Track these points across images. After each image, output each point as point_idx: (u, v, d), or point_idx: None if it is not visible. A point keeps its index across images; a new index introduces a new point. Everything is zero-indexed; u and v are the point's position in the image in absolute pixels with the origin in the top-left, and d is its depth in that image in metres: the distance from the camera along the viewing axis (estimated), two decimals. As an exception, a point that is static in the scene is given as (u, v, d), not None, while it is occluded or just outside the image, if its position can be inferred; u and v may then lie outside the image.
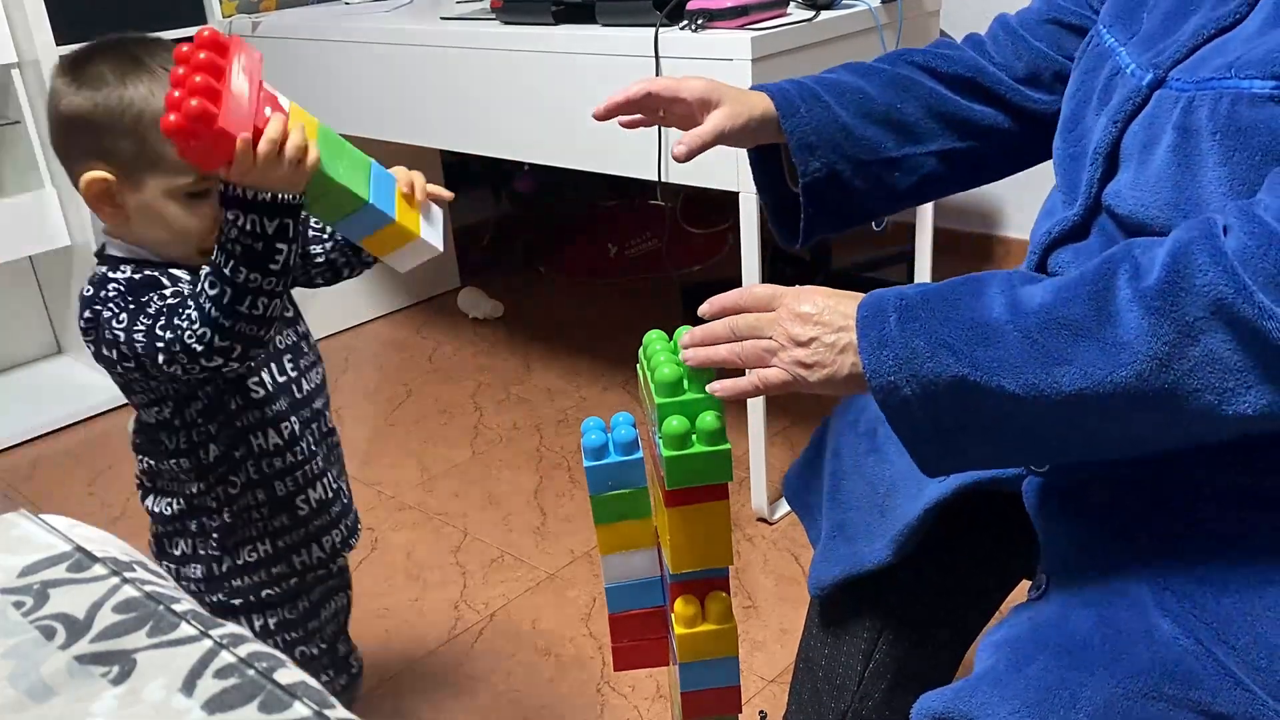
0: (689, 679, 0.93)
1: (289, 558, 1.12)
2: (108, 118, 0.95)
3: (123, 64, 0.97)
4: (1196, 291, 0.65)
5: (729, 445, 0.82)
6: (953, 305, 0.74)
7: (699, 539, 0.86)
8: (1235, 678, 0.71)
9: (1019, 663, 0.76)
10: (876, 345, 0.74)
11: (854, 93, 1.03)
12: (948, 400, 0.73)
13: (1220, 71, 0.74)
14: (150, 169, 0.96)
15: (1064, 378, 0.69)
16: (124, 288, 0.98)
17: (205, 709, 0.55)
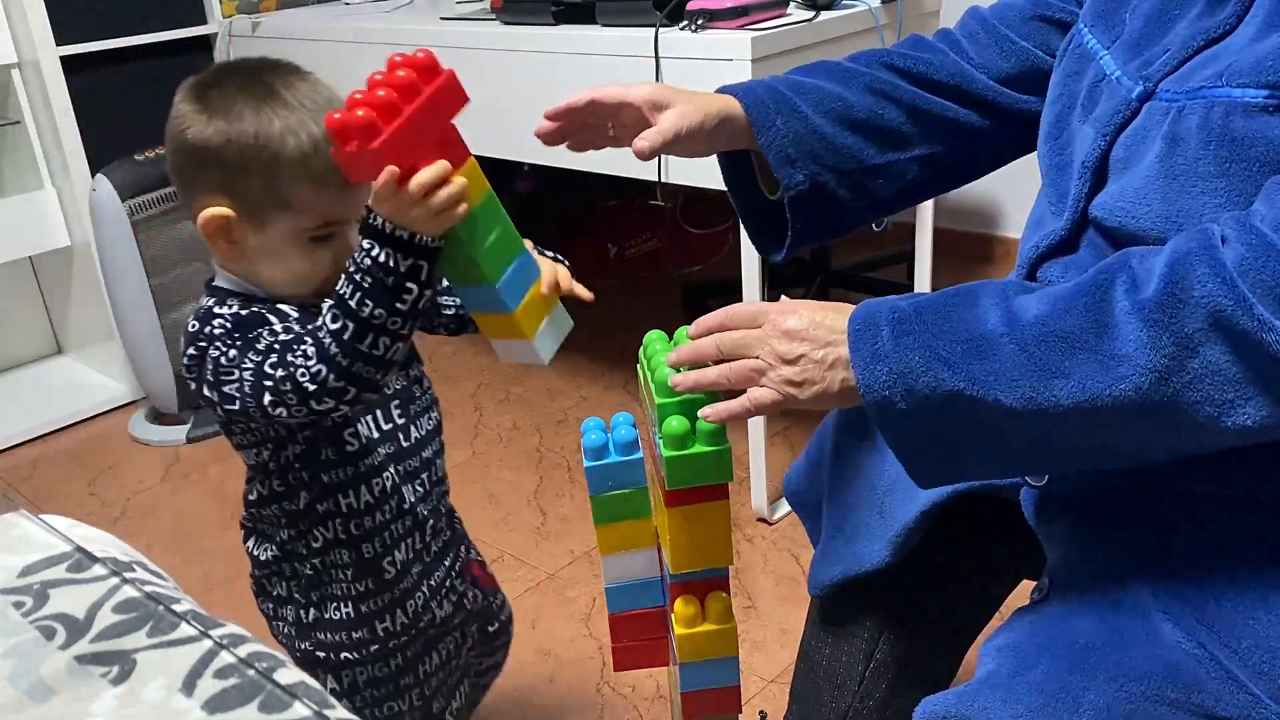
0: (689, 679, 0.93)
1: (372, 624, 1.06)
2: (239, 155, 0.90)
3: (257, 95, 0.91)
4: (1195, 303, 0.65)
5: (729, 445, 0.82)
6: (946, 318, 0.73)
7: (699, 539, 0.86)
8: (1238, 681, 0.71)
9: (1021, 667, 0.76)
10: (870, 360, 0.74)
11: (832, 99, 0.99)
12: (944, 414, 0.72)
13: (1211, 80, 0.73)
14: (277, 210, 0.92)
15: (1061, 391, 0.69)
16: (230, 324, 0.92)
17: (205, 709, 0.55)
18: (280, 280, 0.96)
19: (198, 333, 0.93)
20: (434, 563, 1.10)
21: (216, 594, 1.83)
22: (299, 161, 0.89)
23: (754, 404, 0.79)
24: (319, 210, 0.92)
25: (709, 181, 1.69)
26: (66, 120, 2.33)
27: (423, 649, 1.11)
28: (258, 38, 2.44)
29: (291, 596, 1.06)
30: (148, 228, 2.29)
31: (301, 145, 0.90)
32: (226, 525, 2.04)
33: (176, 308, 2.37)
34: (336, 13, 2.46)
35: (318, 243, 0.94)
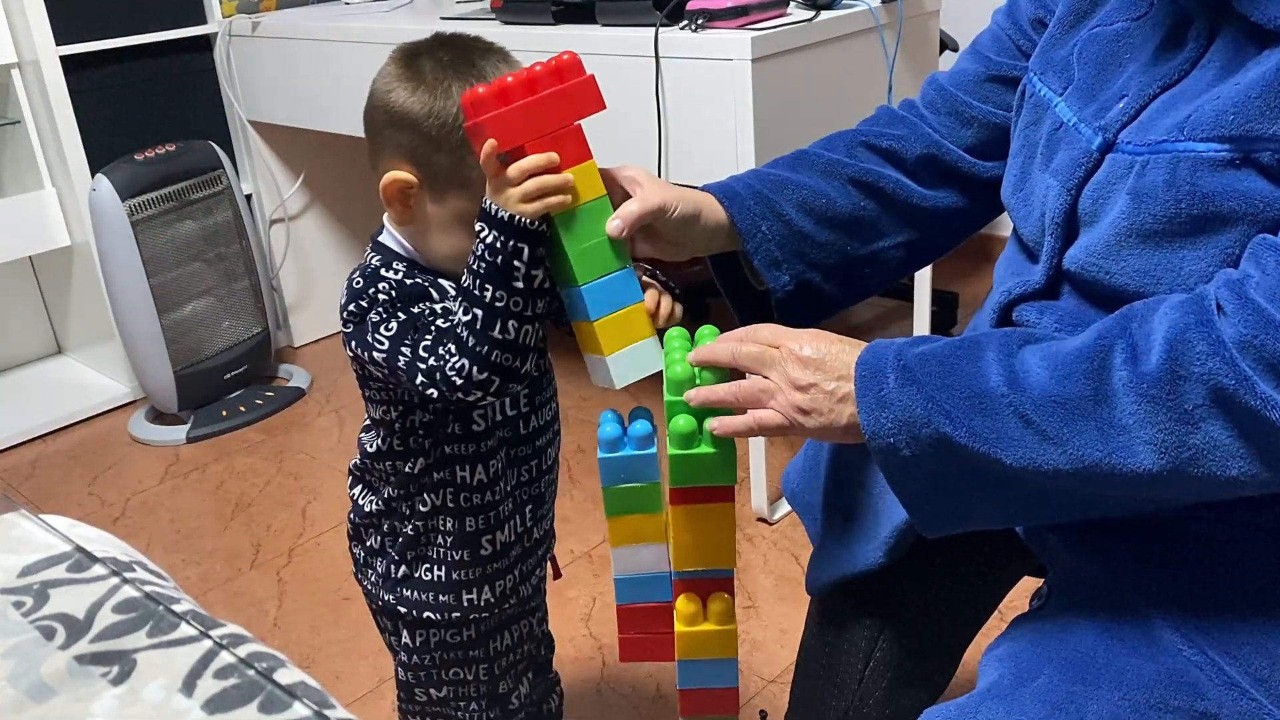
0: (687, 676, 0.93)
1: (459, 592, 1.08)
2: (437, 128, 0.92)
3: (467, 76, 0.92)
4: (1196, 380, 0.65)
5: (734, 447, 0.82)
6: (950, 370, 0.74)
7: (702, 539, 0.86)
8: (1240, 688, 0.71)
9: (1023, 677, 0.75)
10: (876, 406, 0.74)
11: (815, 197, 0.98)
12: (946, 464, 0.73)
13: (1171, 134, 0.72)
14: (457, 188, 0.94)
15: (1060, 457, 0.69)
16: (395, 292, 0.95)
17: (205, 709, 0.55)
18: (442, 254, 0.98)
19: (362, 291, 0.96)
20: (531, 548, 1.12)
21: (216, 594, 1.83)
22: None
23: (759, 424, 0.80)
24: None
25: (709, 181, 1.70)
26: (66, 120, 2.33)
27: (496, 626, 1.13)
28: (258, 37, 2.44)
29: (384, 550, 1.09)
30: (148, 228, 2.29)
31: None
32: (226, 525, 2.05)
33: (176, 308, 2.37)
34: (336, 13, 2.46)
35: None
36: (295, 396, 2.54)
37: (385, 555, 1.09)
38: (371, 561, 1.11)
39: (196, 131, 2.52)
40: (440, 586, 1.08)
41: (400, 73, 0.95)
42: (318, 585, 1.84)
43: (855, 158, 1.01)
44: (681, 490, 0.84)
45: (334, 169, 2.78)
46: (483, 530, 1.06)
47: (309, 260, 2.81)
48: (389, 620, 1.13)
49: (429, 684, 1.14)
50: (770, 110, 1.61)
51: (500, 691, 1.17)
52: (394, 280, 0.96)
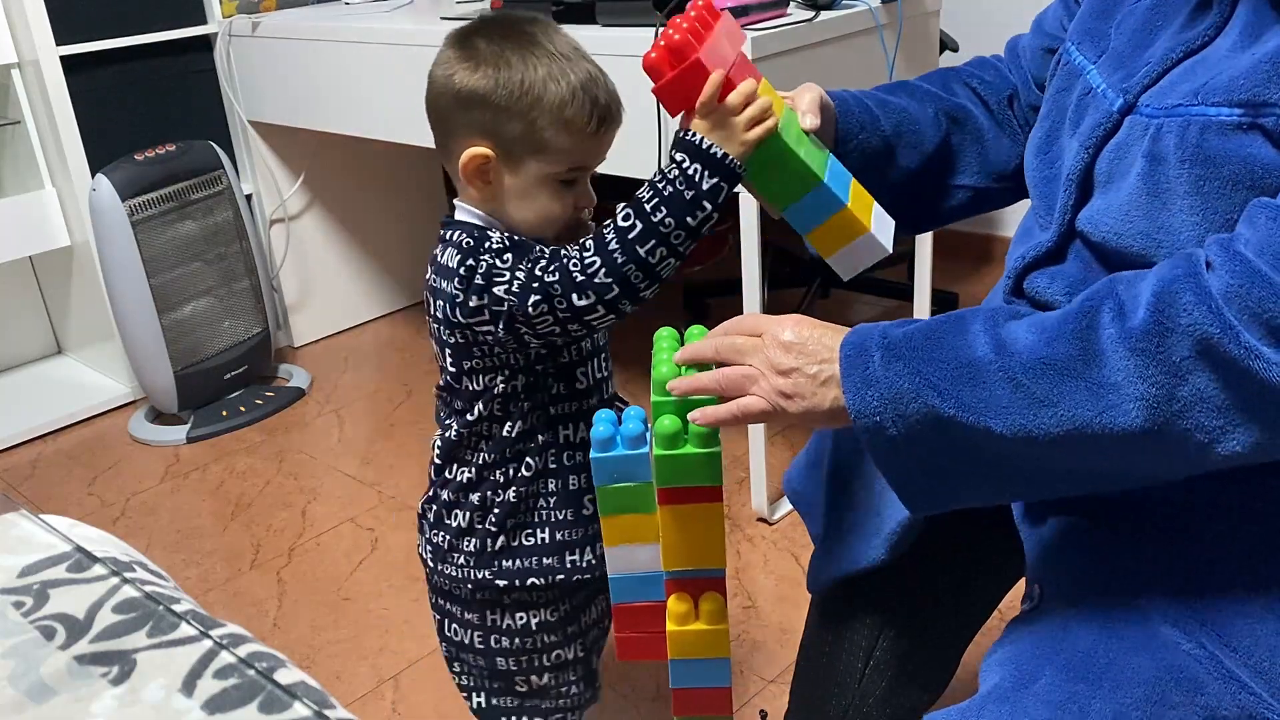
0: (679, 676, 0.93)
1: (562, 553, 1.09)
2: (507, 99, 0.95)
3: (522, 44, 0.96)
4: (1182, 331, 0.65)
5: (719, 448, 0.82)
6: (937, 344, 0.74)
7: (691, 539, 0.87)
8: (1239, 681, 0.71)
9: (1025, 679, 0.75)
10: (861, 385, 0.74)
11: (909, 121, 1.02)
12: (935, 440, 0.73)
13: (1188, 98, 0.74)
14: (533, 153, 0.97)
15: (1051, 420, 0.69)
16: (506, 243, 0.97)
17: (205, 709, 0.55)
18: (527, 220, 1.00)
19: (473, 249, 0.97)
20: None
21: (216, 594, 1.83)
22: (559, 107, 0.95)
23: (742, 411, 0.80)
24: (570, 155, 0.97)
25: (709, 181, 1.70)
26: (66, 120, 2.33)
27: (584, 601, 1.14)
28: (258, 37, 2.44)
29: (473, 527, 1.09)
30: (148, 228, 2.29)
31: (561, 91, 0.95)
32: (226, 525, 2.05)
33: (176, 308, 2.37)
34: (336, 13, 2.46)
35: (564, 186, 0.99)
36: (295, 396, 2.54)
37: (474, 533, 1.09)
38: (458, 543, 1.10)
39: (196, 131, 2.52)
40: (544, 549, 1.08)
41: (457, 55, 0.98)
42: (318, 585, 1.84)
43: (950, 92, 1.04)
44: (668, 490, 0.84)
45: (334, 169, 2.78)
46: (586, 489, 1.08)
47: (309, 260, 2.81)
48: (477, 612, 1.12)
49: (530, 671, 1.14)
50: (770, 110, 1.61)
51: (593, 668, 1.19)
52: (500, 237, 0.98)
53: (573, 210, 1.00)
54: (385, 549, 1.93)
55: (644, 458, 0.86)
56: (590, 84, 0.96)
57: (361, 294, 2.95)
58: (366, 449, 2.29)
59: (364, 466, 2.22)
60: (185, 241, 2.37)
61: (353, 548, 1.94)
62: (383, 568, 1.87)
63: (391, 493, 2.11)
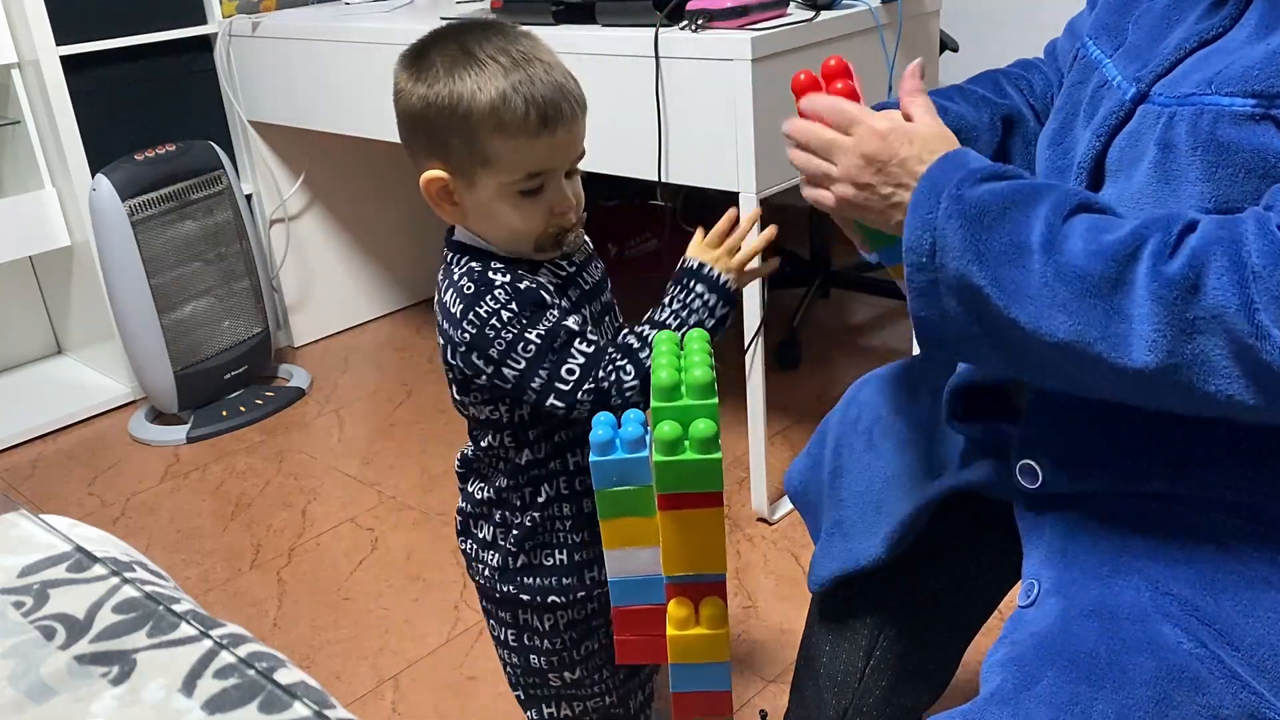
0: (680, 680, 0.93)
1: (581, 572, 1.10)
2: (439, 115, 0.93)
3: (453, 55, 0.94)
4: (1204, 293, 0.66)
5: (720, 455, 0.82)
6: (1000, 215, 0.75)
7: (691, 544, 0.86)
8: (1241, 680, 0.71)
9: (1027, 681, 0.75)
10: (921, 226, 0.77)
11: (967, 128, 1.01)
12: (962, 299, 0.76)
13: (1201, 87, 0.74)
14: (482, 166, 0.95)
15: (1063, 325, 0.71)
16: (515, 302, 0.96)
17: (205, 709, 0.55)
18: (500, 238, 0.99)
19: (476, 298, 0.96)
20: None
21: (216, 594, 1.83)
22: (489, 115, 0.92)
23: (813, 199, 0.86)
24: (517, 161, 0.94)
25: (709, 181, 1.70)
26: (66, 120, 2.33)
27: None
28: (258, 38, 2.44)
29: (496, 542, 1.10)
30: (148, 228, 2.29)
31: (491, 98, 0.92)
32: (226, 525, 2.05)
33: (176, 308, 2.37)
34: (336, 13, 2.46)
35: (526, 197, 0.96)
36: (295, 396, 2.54)
37: (498, 548, 1.10)
38: (483, 555, 1.11)
39: (196, 131, 2.52)
40: (563, 570, 1.09)
41: (403, 77, 0.97)
42: (318, 585, 1.84)
43: (1002, 95, 1.05)
44: (669, 496, 0.84)
45: (334, 169, 2.78)
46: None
47: (309, 260, 2.81)
48: (509, 611, 1.13)
49: (563, 667, 1.15)
50: (770, 110, 1.61)
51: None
52: (506, 285, 0.96)
53: (547, 218, 0.97)
54: (385, 549, 1.93)
55: (643, 461, 0.86)
56: (523, 84, 0.91)
57: (361, 294, 2.95)
58: (366, 449, 2.29)
59: (364, 466, 2.22)
60: (185, 241, 2.37)
61: (353, 548, 1.94)
62: (383, 568, 1.87)
63: (391, 493, 2.11)
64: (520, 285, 0.97)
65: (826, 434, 1.12)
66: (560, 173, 0.97)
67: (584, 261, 1.06)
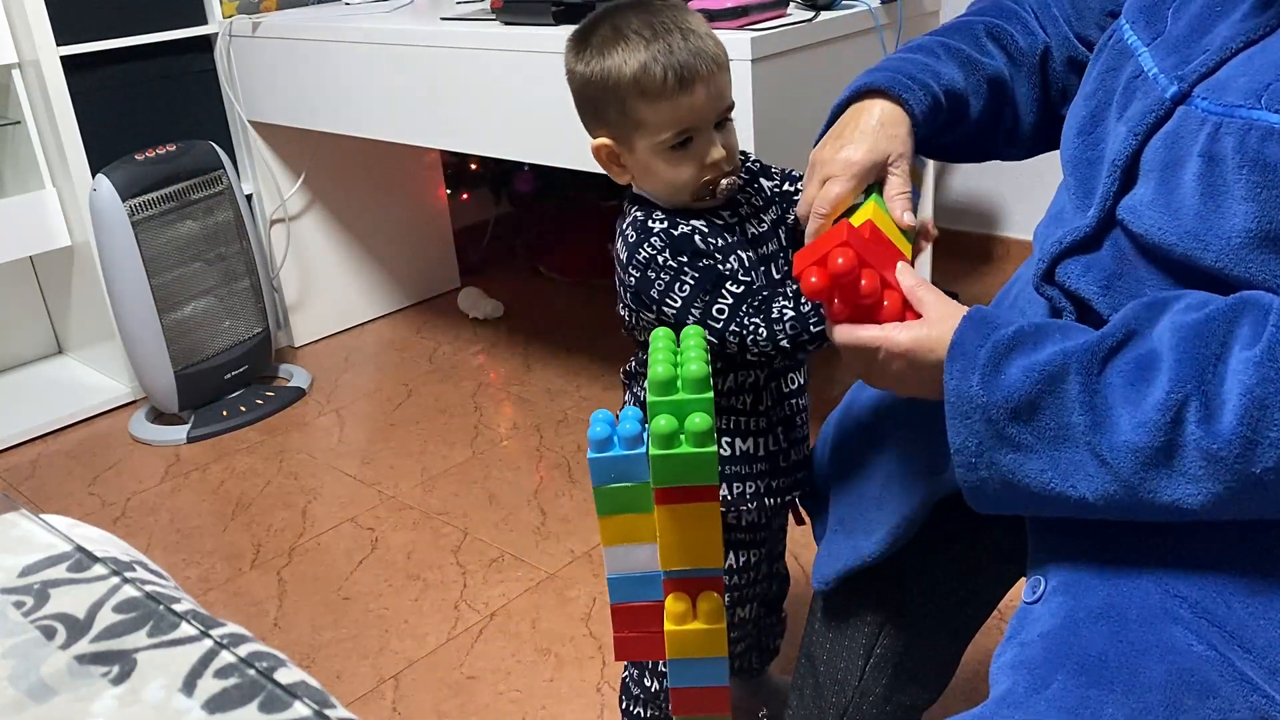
0: (677, 675, 0.93)
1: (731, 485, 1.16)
2: (597, 89, 1.04)
3: (605, 35, 1.04)
4: (1270, 445, 0.66)
5: (715, 448, 0.82)
6: (1035, 409, 0.75)
7: (688, 538, 0.87)
8: (1252, 683, 0.71)
9: (1037, 684, 0.75)
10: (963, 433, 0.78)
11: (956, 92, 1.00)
12: (1017, 488, 0.77)
13: (1249, 99, 0.72)
14: (635, 130, 1.04)
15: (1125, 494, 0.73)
16: (668, 247, 1.04)
17: (205, 709, 0.55)
18: (660, 193, 1.08)
19: (637, 244, 1.06)
20: (770, 475, 1.16)
21: (216, 594, 1.83)
22: (633, 84, 1.01)
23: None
24: (663, 121, 1.02)
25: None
26: (66, 120, 2.33)
27: (728, 545, 1.19)
28: (258, 38, 2.44)
29: None
30: (148, 228, 2.29)
31: (633, 67, 1.01)
32: (226, 525, 2.05)
33: (177, 308, 2.37)
34: (336, 13, 2.46)
35: (677, 151, 1.04)
36: (295, 396, 2.54)
37: None
38: None
39: (197, 131, 2.52)
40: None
41: (569, 56, 1.07)
42: (318, 585, 1.84)
43: (986, 53, 1.02)
44: (665, 490, 0.84)
45: (334, 169, 2.78)
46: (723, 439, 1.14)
47: (309, 260, 2.81)
48: None
49: None
50: (770, 110, 1.61)
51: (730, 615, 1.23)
52: (662, 231, 1.05)
53: (700, 170, 1.04)
54: (385, 549, 1.93)
55: (641, 458, 0.86)
56: (661, 51, 1.00)
57: (361, 294, 2.95)
58: (366, 449, 2.29)
59: (364, 466, 2.22)
60: (185, 241, 2.37)
61: (353, 547, 1.94)
62: (383, 568, 1.87)
63: (391, 493, 2.11)
64: (675, 231, 1.05)
65: (829, 434, 1.12)
66: (708, 127, 1.04)
67: (748, 214, 1.12)
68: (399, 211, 2.97)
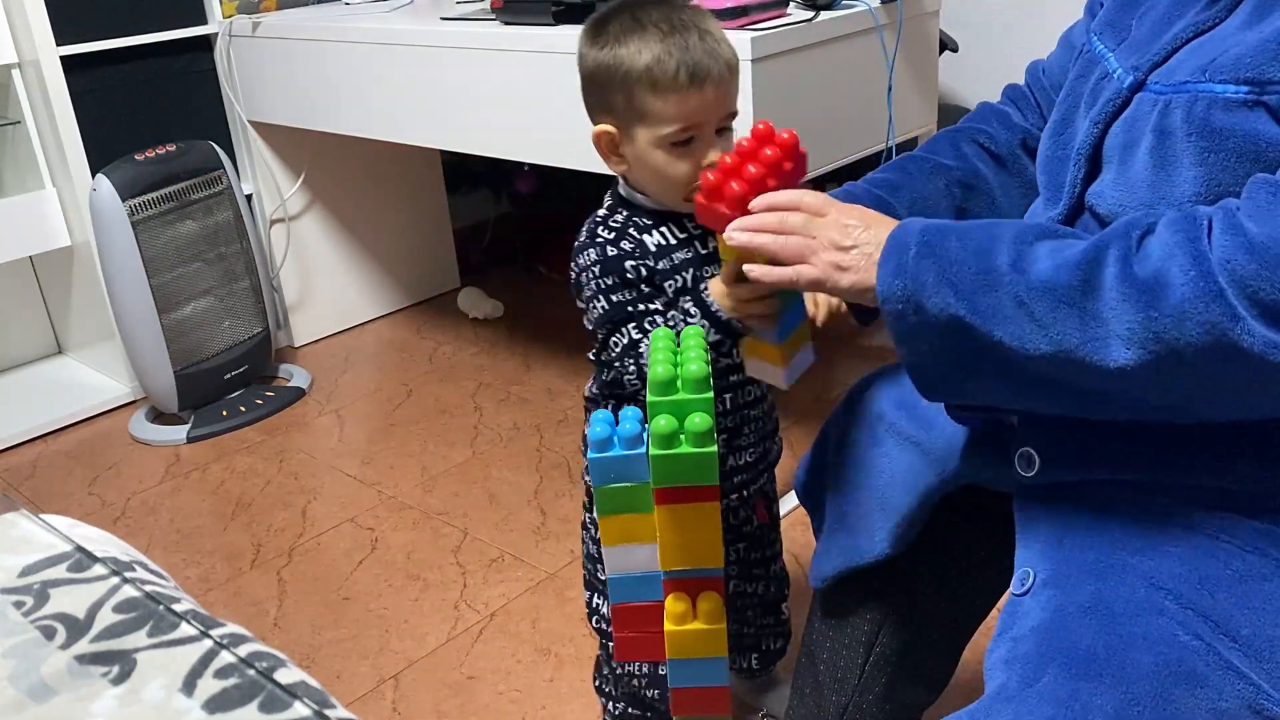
0: (677, 675, 0.93)
1: None
2: (605, 77, 1.06)
3: (624, 24, 1.06)
4: (1175, 286, 0.69)
5: (715, 447, 0.83)
6: (966, 245, 0.79)
7: (688, 538, 0.87)
8: (1238, 671, 0.72)
9: (1029, 678, 0.76)
10: (893, 273, 0.81)
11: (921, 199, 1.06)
12: (947, 335, 0.78)
13: (1195, 75, 0.77)
14: (639, 121, 1.06)
15: (1043, 339, 0.74)
16: (598, 267, 1.09)
17: (205, 708, 0.55)
18: (654, 188, 1.11)
19: (579, 249, 1.12)
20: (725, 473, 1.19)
21: (216, 594, 1.83)
22: (645, 72, 1.03)
23: (798, 275, 0.87)
24: (669, 114, 1.04)
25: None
26: (66, 120, 2.33)
27: None
28: (258, 38, 2.44)
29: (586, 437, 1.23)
30: (148, 228, 2.29)
31: (646, 58, 1.03)
32: (226, 525, 2.05)
33: (177, 308, 2.37)
34: (336, 13, 2.46)
35: (677, 148, 1.07)
36: (295, 396, 2.54)
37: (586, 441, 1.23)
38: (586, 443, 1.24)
39: (197, 131, 2.52)
40: None
41: (584, 41, 1.10)
42: (318, 585, 1.84)
43: (959, 157, 1.08)
44: (665, 490, 0.84)
45: (334, 169, 2.78)
46: None
47: (309, 260, 2.81)
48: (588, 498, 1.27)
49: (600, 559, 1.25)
50: (770, 110, 1.61)
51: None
52: (602, 244, 1.10)
53: (695, 170, 1.06)
54: (385, 549, 1.93)
55: (641, 458, 0.86)
56: (677, 46, 1.03)
57: (361, 294, 2.95)
58: (366, 449, 2.29)
59: (364, 466, 2.22)
60: (185, 241, 2.37)
61: (353, 547, 1.94)
62: (383, 568, 1.87)
63: (391, 493, 2.11)
64: (610, 251, 1.09)
65: (830, 432, 1.12)
66: (710, 129, 1.07)
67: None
68: (399, 211, 2.97)
